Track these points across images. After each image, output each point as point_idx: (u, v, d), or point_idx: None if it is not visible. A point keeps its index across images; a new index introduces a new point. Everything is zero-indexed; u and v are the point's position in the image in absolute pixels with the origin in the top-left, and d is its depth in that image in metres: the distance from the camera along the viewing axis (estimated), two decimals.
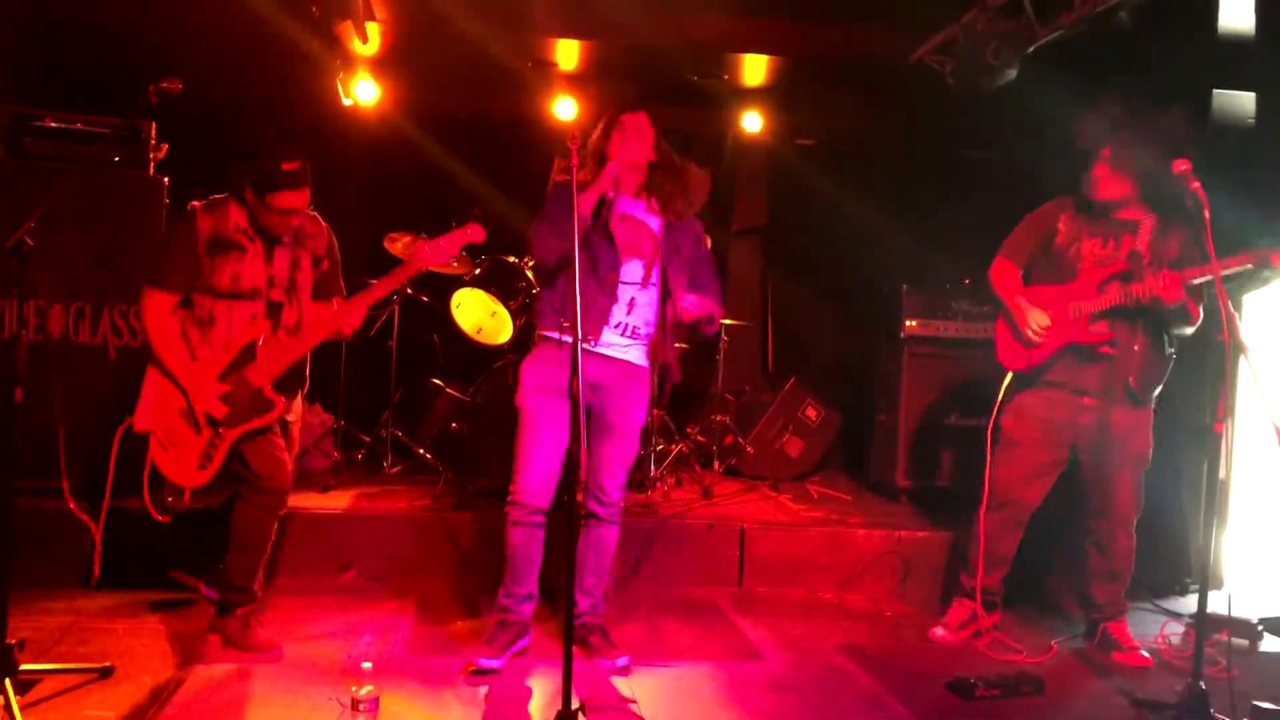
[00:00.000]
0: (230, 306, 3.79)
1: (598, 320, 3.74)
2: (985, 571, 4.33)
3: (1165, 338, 4.22)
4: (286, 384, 3.90)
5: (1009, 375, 4.32)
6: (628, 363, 3.87)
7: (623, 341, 3.83)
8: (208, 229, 3.75)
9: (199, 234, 3.74)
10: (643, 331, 3.87)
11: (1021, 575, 4.51)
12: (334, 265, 4.07)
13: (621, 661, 3.82)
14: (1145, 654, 4.22)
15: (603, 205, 3.76)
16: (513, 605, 3.82)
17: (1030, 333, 4.20)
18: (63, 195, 3.46)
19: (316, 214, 4.05)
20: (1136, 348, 4.16)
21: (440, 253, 3.84)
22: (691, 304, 3.79)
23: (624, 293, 3.80)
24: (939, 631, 4.40)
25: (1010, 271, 4.37)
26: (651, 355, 3.93)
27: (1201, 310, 4.09)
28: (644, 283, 3.83)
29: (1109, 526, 4.30)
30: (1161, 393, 4.30)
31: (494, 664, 3.68)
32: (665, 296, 3.88)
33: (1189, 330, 4.18)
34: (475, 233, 3.81)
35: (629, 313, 3.82)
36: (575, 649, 3.76)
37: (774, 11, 6.06)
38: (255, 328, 3.82)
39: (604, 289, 3.75)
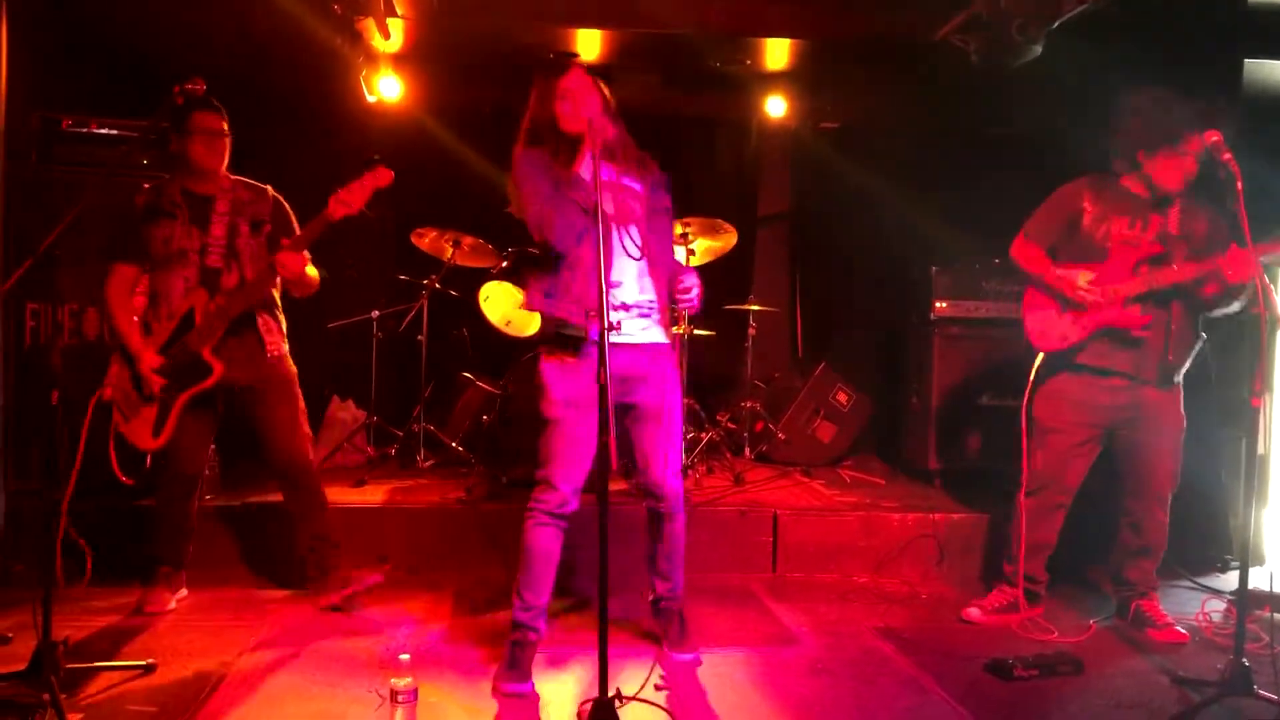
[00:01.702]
0: (166, 273, 4.07)
1: (593, 306, 3.33)
2: (1027, 558, 4.29)
3: (1197, 319, 4.18)
4: (242, 346, 4.11)
5: (1040, 357, 4.26)
6: (652, 344, 3.62)
7: (641, 323, 3.58)
8: (143, 201, 4.13)
9: (136, 206, 4.13)
10: (656, 307, 3.61)
11: (1056, 556, 4.47)
12: (282, 223, 4.28)
13: (688, 656, 3.77)
14: (1181, 630, 4.19)
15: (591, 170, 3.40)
16: (529, 621, 3.55)
17: (1083, 292, 4.11)
18: (92, 201, 3.49)
19: (256, 182, 4.31)
20: (1174, 327, 4.11)
21: (352, 201, 3.98)
22: (695, 285, 3.55)
23: (627, 267, 3.53)
24: (973, 612, 4.38)
25: (1035, 249, 4.31)
26: (667, 328, 3.68)
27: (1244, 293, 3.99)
28: (642, 251, 3.54)
29: (1146, 505, 4.26)
30: (1198, 368, 4.25)
31: (523, 689, 3.49)
32: (654, 266, 3.60)
33: (1235, 307, 4.10)
34: (382, 175, 4.00)
35: (640, 290, 3.57)
36: (644, 640, 3.92)
37: None
38: (193, 296, 4.04)
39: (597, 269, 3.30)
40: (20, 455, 4.78)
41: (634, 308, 3.55)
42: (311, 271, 4.25)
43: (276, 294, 4.30)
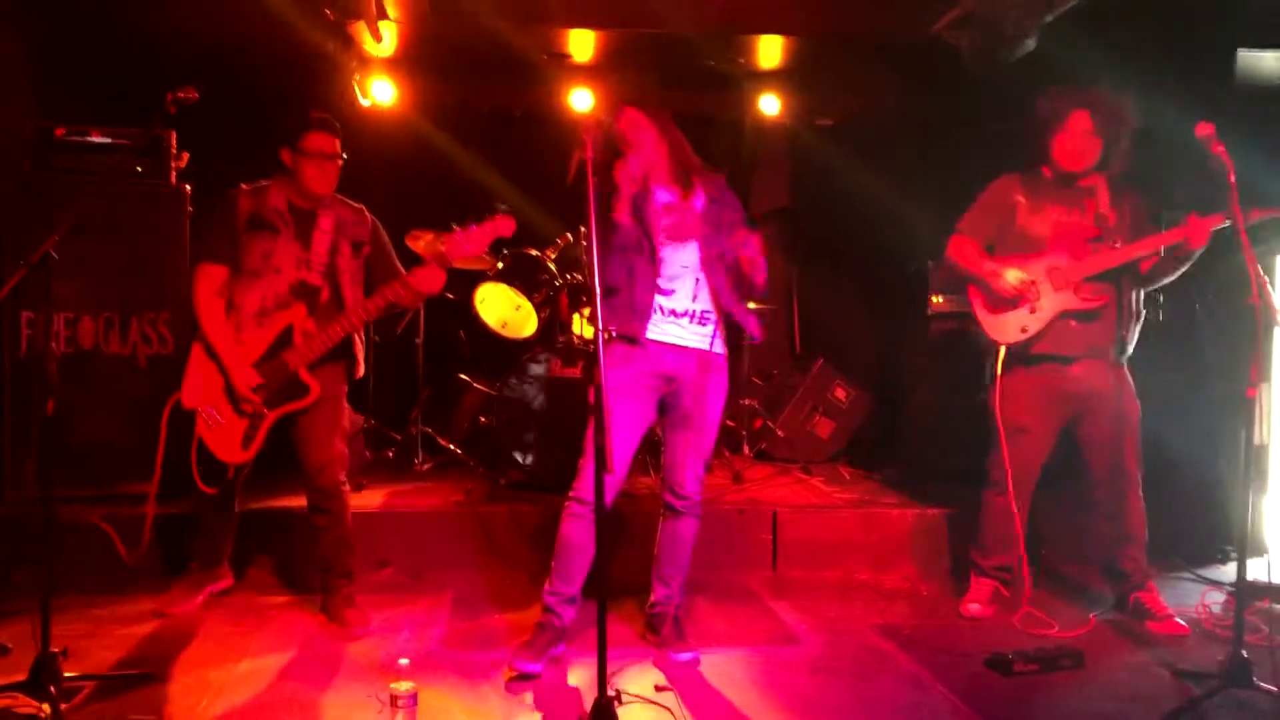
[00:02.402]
0: (250, 285, 3.98)
1: (643, 313, 3.68)
2: (1003, 550, 4.34)
3: (1140, 295, 4.30)
4: (330, 366, 4.08)
5: (1001, 351, 4.28)
6: (705, 351, 3.77)
7: (694, 329, 3.75)
8: (248, 208, 4.00)
9: (239, 211, 3.99)
10: (711, 315, 3.78)
11: (1051, 553, 4.49)
12: (381, 248, 4.24)
13: (686, 656, 3.78)
14: (1181, 621, 4.19)
15: (636, 201, 3.72)
16: (556, 605, 3.72)
17: (1009, 286, 4.18)
18: (86, 208, 3.48)
19: (359, 204, 4.24)
20: (1125, 303, 4.22)
21: (473, 243, 3.95)
22: (754, 248, 3.67)
23: (684, 279, 3.74)
24: (974, 607, 4.39)
25: (972, 245, 4.38)
26: (724, 339, 3.84)
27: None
28: (704, 264, 3.74)
29: (1119, 491, 4.28)
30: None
31: (534, 668, 3.61)
32: (710, 276, 3.77)
33: (1170, 279, 4.22)
34: (505, 225, 3.96)
35: (694, 299, 3.75)
36: (646, 638, 3.93)
37: None
38: (291, 311, 3.97)
39: (650, 282, 3.69)
40: (17, 463, 4.78)
41: (685, 315, 3.74)
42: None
43: None
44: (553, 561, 3.75)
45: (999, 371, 4.27)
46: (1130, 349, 4.30)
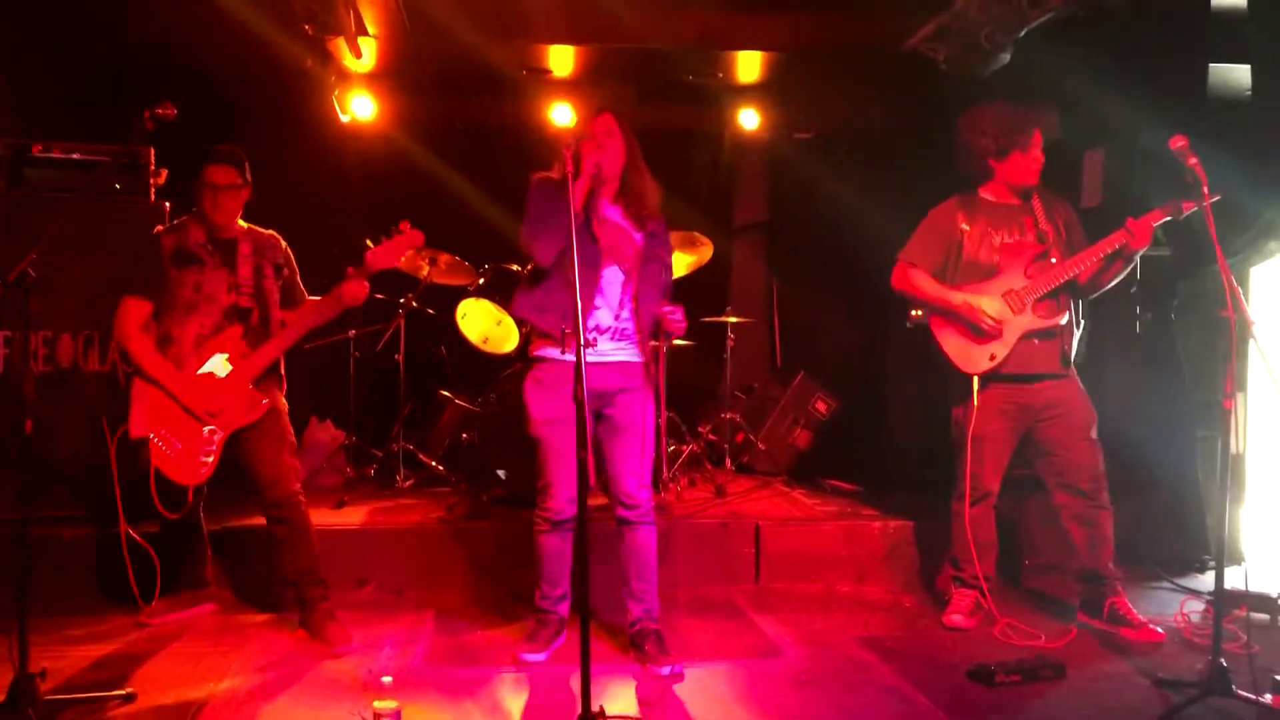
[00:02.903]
0: (185, 317, 4.10)
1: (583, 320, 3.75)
2: (979, 560, 4.36)
3: (1080, 306, 4.39)
4: (268, 382, 4.19)
5: (974, 381, 4.32)
6: (627, 363, 3.90)
7: (617, 344, 3.87)
8: (171, 244, 4.15)
9: (164, 248, 4.14)
10: (631, 333, 3.90)
11: (1033, 564, 4.50)
12: (292, 271, 4.37)
13: (668, 669, 3.74)
14: (1157, 629, 4.21)
15: (588, 203, 3.80)
16: (551, 606, 3.96)
17: (989, 324, 4.24)
18: (64, 226, 3.46)
19: (271, 231, 4.35)
20: (1067, 318, 4.29)
21: (388, 257, 4.08)
22: (679, 320, 3.89)
23: (610, 296, 3.85)
24: (956, 618, 4.40)
25: (922, 275, 4.44)
26: (643, 350, 3.95)
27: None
28: (624, 288, 3.87)
29: (1080, 496, 4.32)
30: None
31: (538, 657, 3.82)
32: (638, 304, 3.91)
33: (1108, 286, 4.32)
34: (415, 238, 4.10)
35: (616, 318, 3.86)
36: (630, 654, 3.92)
37: (765, 7, 6.06)
38: (226, 335, 4.09)
39: (587, 290, 3.74)
40: None
41: (608, 330, 3.85)
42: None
43: None
44: (537, 572, 3.96)
45: (975, 401, 4.31)
46: (1073, 357, 4.35)
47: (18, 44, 5.57)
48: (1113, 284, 4.32)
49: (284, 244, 4.37)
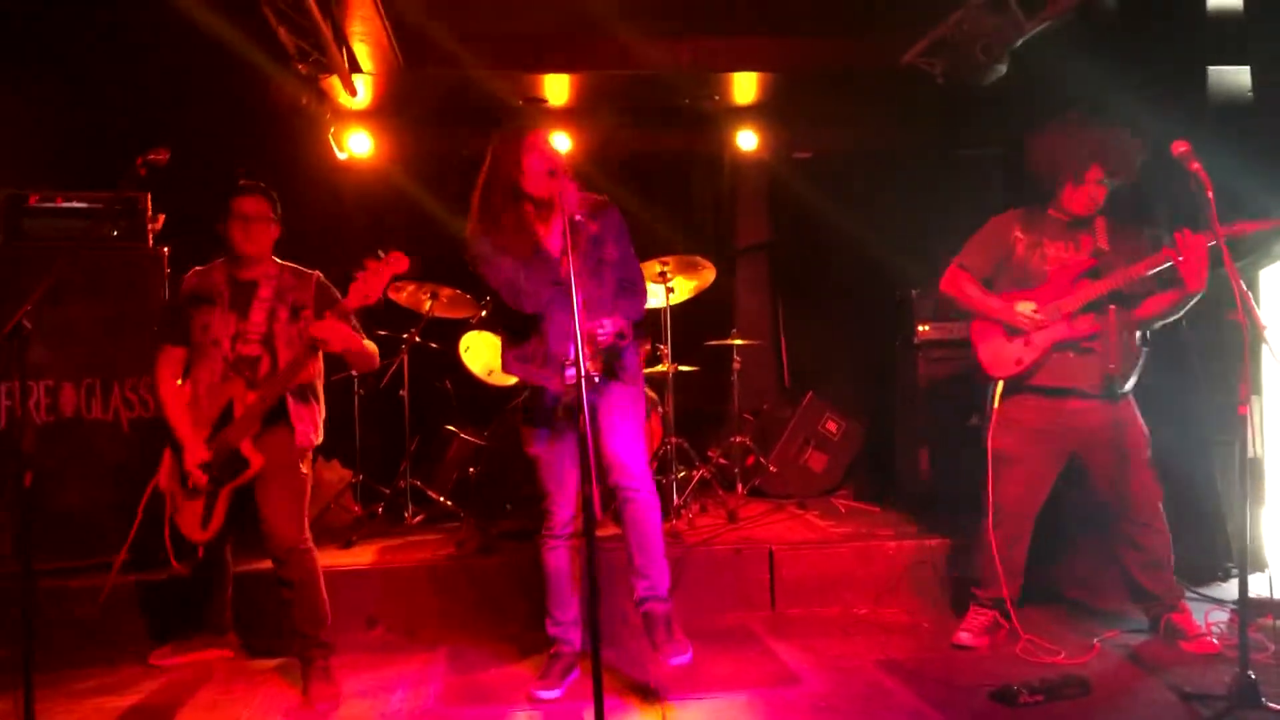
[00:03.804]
0: (200, 361, 4.03)
1: (559, 358, 3.74)
2: (998, 581, 4.28)
3: (1139, 331, 4.25)
4: (277, 434, 4.01)
5: (999, 384, 4.27)
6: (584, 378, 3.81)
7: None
8: (191, 285, 4.12)
9: (184, 289, 4.13)
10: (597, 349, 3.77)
11: (1054, 575, 4.43)
12: (325, 304, 4.11)
13: (681, 659, 3.79)
14: (1213, 639, 4.15)
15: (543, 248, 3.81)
16: (562, 635, 3.90)
17: (1024, 320, 4.19)
18: (62, 274, 3.44)
19: (306, 269, 4.22)
20: (1116, 339, 4.17)
21: (369, 291, 3.87)
22: (607, 330, 3.69)
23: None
24: (965, 636, 4.34)
25: (970, 280, 4.39)
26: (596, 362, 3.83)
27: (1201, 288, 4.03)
28: (583, 305, 3.70)
29: (1134, 523, 4.26)
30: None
31: (553, 694, 3.74)
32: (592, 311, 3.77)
33: (1171, 319, 4.20)
34: (398, 262, 3.91)
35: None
36: (642, 643, 3.98)
37: (758, 29, 6.06)
38: (231, 386, 3.98)
39: (568, 329, 3.58)
40: (1, 538, 4.70)
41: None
42: (368, 345, 4.18)
43: (319, 383, 4.22)
44: (546, 596, 3.93)
45: (995, 404, 4.25)
46: (1127, 380, 4.23)
47: (11, 92, 5.58)
48: (1170, 313, 4.17)
49: (316, 280, 4.20)
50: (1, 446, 4.71)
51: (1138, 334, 4.25)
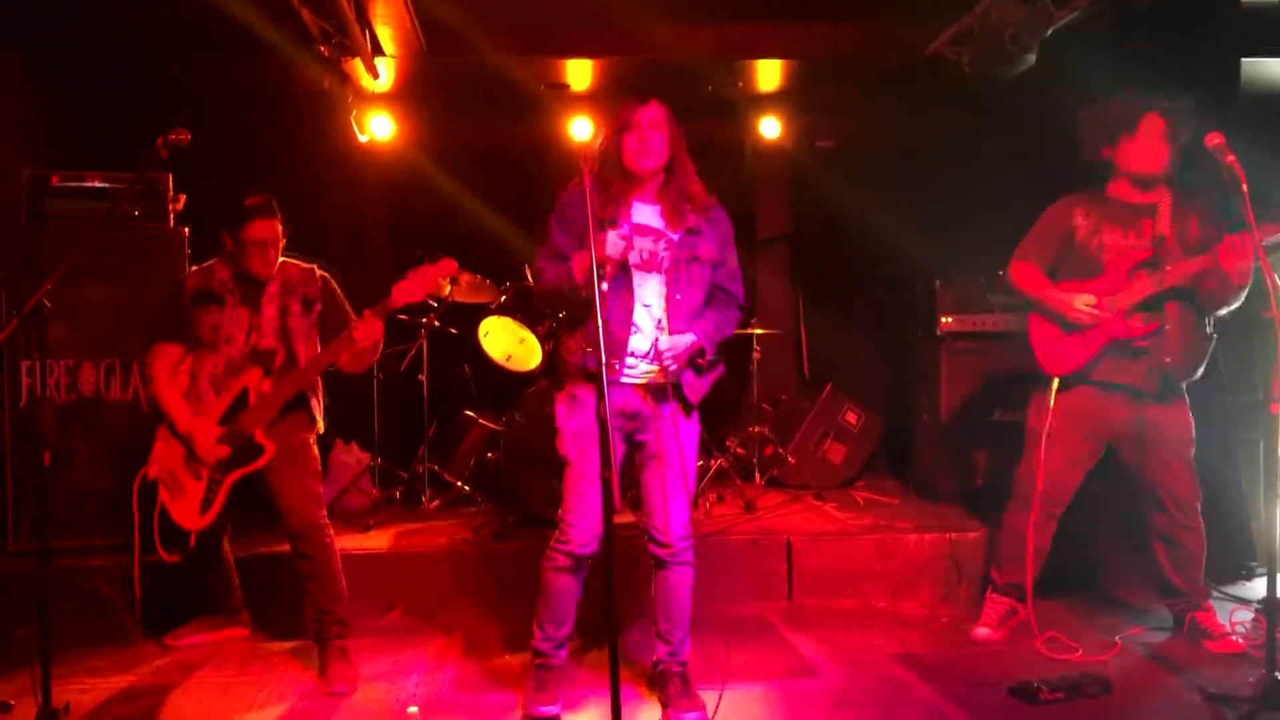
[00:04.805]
0: (215, 356, 4.02)
1: (618, 348, 3.45)
2: (1019, 567, 4.24)
3: (1204, 318, 4.12)
4: (290, 418, 4.07)
5: (1055, 382, 4.18)
6: (657, 384, 3.52)
7: (652, 368, 3.51)
8: (194, 285, 4.10)
9: (186, 289, 4.10)
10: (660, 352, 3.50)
11: (1074, 569, 4.39)
12: (333, 303, 4.22)
13: (693, 715, 3.47)
14: (1237, 639, 4.11)
15: (616, 211, 3.50)
16: (551, 650, 3.59)
17: (1083, 314, 4.07)
18: (83, 254, 3.45)
19: (305, 262, 4.23)
20: (1175, 330, 4.06)
21: (414, 290, 3.89)
22: (678, 352, 3.46)
23: (653, 312, 3.50)
24: (982, 631, 4.32)
25: (1034, 271, 4.28)
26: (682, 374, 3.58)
27: (1245, 283, 3.96)
28: (666, 299, 3.51)
29: (1171, 519, 4.20)
30: (1209, 373, 4.19)
31: (553, 710, 3.51)
32: (679, 311, 3.53)
33: (1235, 304, 4.05)
34: (447, 267, 3.95)
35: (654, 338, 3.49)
36: (652, 695, 3.75)
37: (783, 15, 6.00)
38: (247, 375, 3.99)
39: (623, 314, 3.46)
40: (19, 516, 4.73)
41: (644, 356, 3.51)
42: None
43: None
44: (540, 607, 3.60)
45: (1052, 402, 4.17)
46: (1187, 374, 4.14)
47: (34, 74, 5.58)
48: (1224, 311, 4.06)
49: (321, 276, 4.23)
50: (21, 425, 4.74)
51: (1204, 321, 4.12)
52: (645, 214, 3.56)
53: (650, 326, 3.51)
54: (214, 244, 4.15)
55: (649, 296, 3.52)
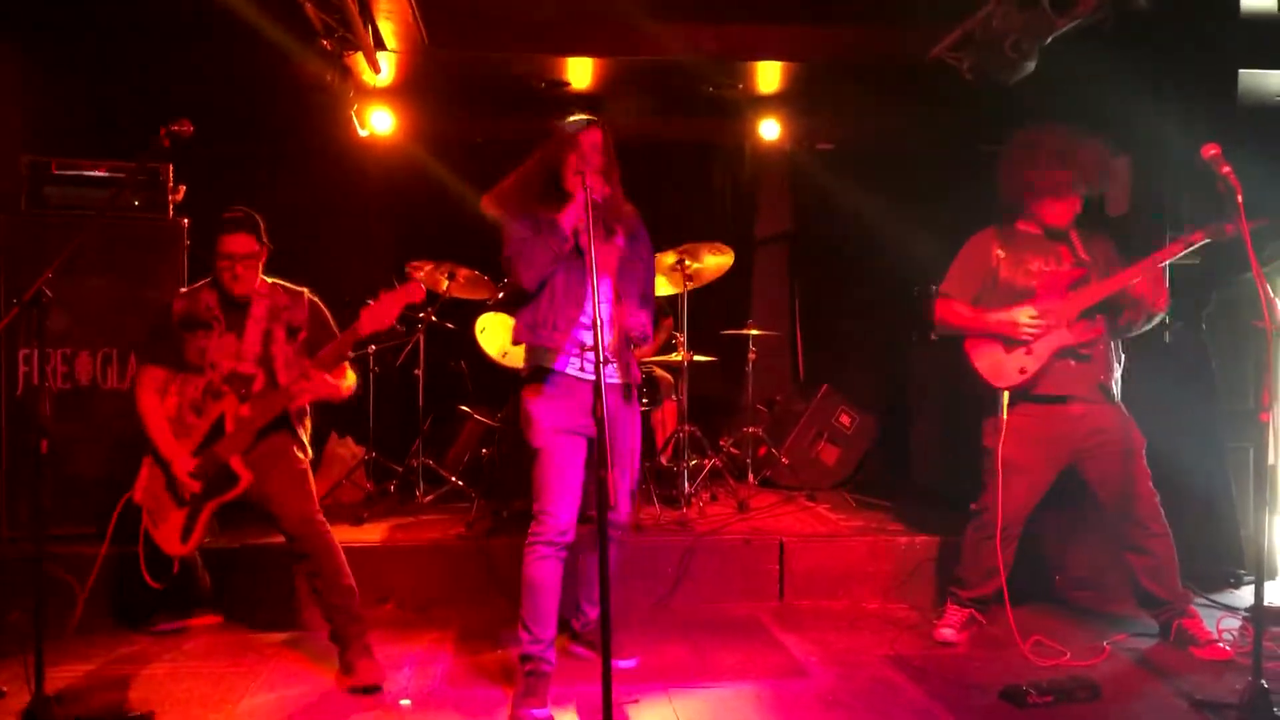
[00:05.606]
0: (200, 379, 4.01)
1: (573, 336, 3.64)
2: (982, 584, 4.36)
3: (1118, 344, 4.34)
4: (270, 437, 4.02)
5: (1005, 395, 4.26)
6: (618, 384, 3.77)
7: (610, 366, 3.70)
8: (181, 309, 4.08)
9: (174, 313, 4.08)
10: (618, 349, 3.74)
11: (1054, 578, 4.41)
12: (320, 329, 4.17)
13: (629, 663, 3.88)
14: (1224, 646, 4.13)
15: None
16: (540, 653, 3.57)
17: (1026, 328, 4.19)
18: (83, 243, 3.44)
19: (295, 286, 4.22)
20: (1103, 346, 4.25)
21: (383, 317, 3.85)
22: (638, 324, 3.72)
23: (601, 312, 3.61)
24: (947, 633, 4.37)
25: (961, 304, 4.40)
26: (625, 371, 3.80)
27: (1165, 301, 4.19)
28: (613, 301, 3.74)
29: (1140, 525, 4.24)
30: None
31: (544, 713, 3.51)
32: (620, 308, 3.76)
33: (1147, 326, 4.28)
34: (415, 292, 3.87)
35: (607, 334, 3.66)
36: (583, 650, 4.03)
37: (784, 17, 6.01)
38: (224, 401, 3.97)
39: (573, 306, 3.65)
40: (14, 504, 4.73)
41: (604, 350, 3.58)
42: (349, 379, 4.17)
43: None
44: (524, 607, 3.60)
45: (1004, 415, 4.24)
46: (1115, 386, 4.30)
47: (37, 63, 5.58)
48: (1143, 325, 4.26)
49: (309, 300, 4.20)
50: (18, 413, 4.75)
51: (1118, 344, 4.34)
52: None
53: (603, 325, 3.58)
54: (212, 240, 4.11)
55: (603, 295, 3.69)
